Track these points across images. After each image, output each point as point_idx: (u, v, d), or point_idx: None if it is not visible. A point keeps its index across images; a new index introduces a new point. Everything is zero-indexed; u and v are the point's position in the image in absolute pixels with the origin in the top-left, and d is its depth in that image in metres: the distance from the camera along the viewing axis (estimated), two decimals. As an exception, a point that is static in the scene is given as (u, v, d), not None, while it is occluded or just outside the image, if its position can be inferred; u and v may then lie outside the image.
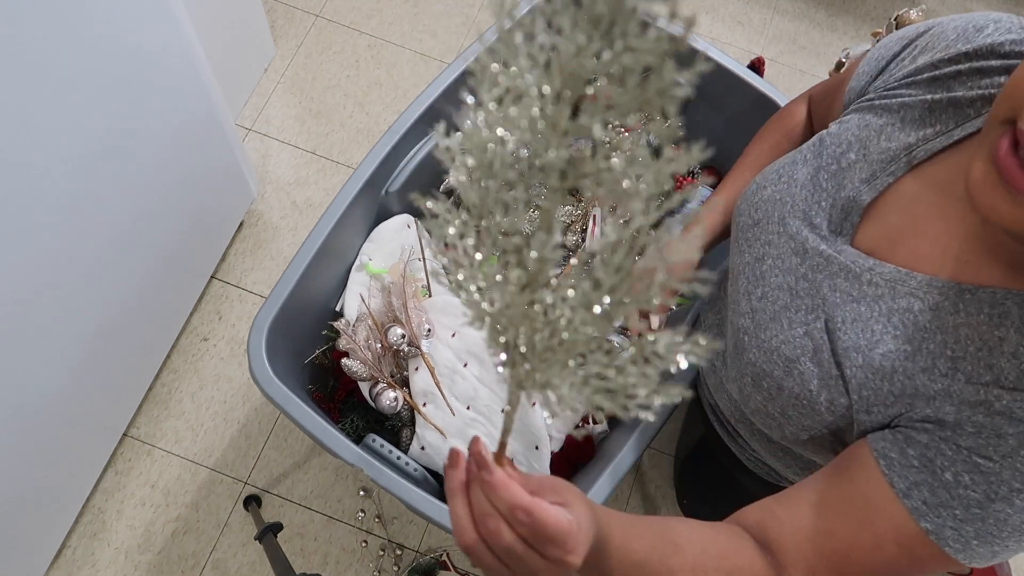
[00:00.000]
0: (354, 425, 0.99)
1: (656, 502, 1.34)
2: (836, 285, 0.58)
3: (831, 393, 0.57)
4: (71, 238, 0.90)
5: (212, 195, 1.24)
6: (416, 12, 1.69)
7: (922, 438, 0.51)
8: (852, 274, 0.57)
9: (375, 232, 1.06)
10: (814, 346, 0.58)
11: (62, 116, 0.81)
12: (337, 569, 1.23)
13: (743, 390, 0.66)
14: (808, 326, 0.59)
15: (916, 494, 0.50)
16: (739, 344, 0.66)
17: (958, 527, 0.49)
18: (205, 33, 1.05)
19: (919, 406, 0.52)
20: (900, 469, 0.51)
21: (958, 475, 0.49)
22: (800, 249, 0.61)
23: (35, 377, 0.94)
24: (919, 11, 1.09)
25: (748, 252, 0.67)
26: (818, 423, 0.59)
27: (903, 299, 0.54)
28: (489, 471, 0.39)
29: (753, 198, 0.68)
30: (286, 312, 0.90)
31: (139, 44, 0.90)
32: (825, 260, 0.59)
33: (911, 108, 0.58)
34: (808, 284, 0.60)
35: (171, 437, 1.28)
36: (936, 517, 0.50)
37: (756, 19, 1.82)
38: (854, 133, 0.61)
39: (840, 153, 0.61)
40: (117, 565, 1.20)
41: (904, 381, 0.53)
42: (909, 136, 0.57)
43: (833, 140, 0.62)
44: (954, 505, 0.49)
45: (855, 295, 0.57)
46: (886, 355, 0.54)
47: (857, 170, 0.59)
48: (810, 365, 0.58)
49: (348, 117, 1.57)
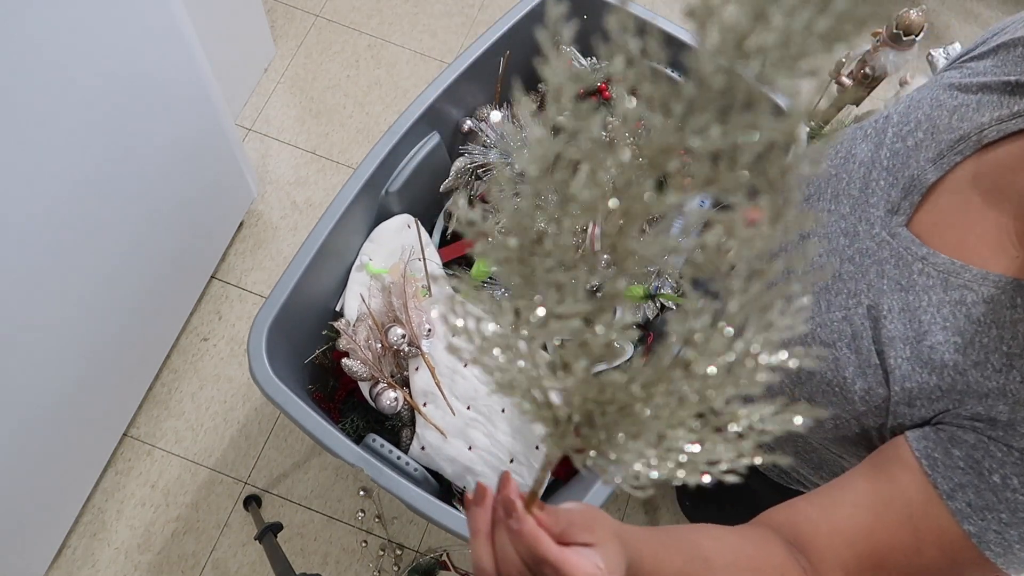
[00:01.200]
0: (354, 425, 0.99)
1: (656, 502, 1.34)
2: (884, 272, 0.55)
3: (868, 382, 0.55)
4: (72, 239, 0.90)
5: (212, 195, 1.24)
6: (416, 12, 1.69)
7: (969, 438, 0.49)
8: (903, 261, 0.55)
9: (375, 232, 1.06)
10: (852, 332, 0.56)
11: (63, 117, 0.81)
12: (337, 569, 1.23)
13: None
14: (848, 311, 0.56)
15: (961, 496, 0.49)
16: None
17: (1002, 531, 0.48)
18: (205, 33, 1.05)
19: (969, 403, 0.50)
20: (944, 470, 0.49)
21: (1007, 477, 0.47)
22: (850, 230, 0.58)
23: (35, 377, 0.93)
24: (919, 11, 1.09)
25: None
26: (848, 412, 0.57)
27: (955, 291, 0.52)
28: (519, 519, 0.37)
29: None
30: (286, 312, 0.90)
31: (139, 45, 0.90)
32: (876, 244, 0.56)
33: (990, 89, 0.55)
34: (854, 268, 0.57)
35: (171, 437, 1.28)
36: (981, 520, 0.48)
37: (756, 19, 1.82)
38: (925, 112, 0.58)
39: (908, 132, 0.58)
40: (117, 565, 1.20)
41: (954, 376, 0.51)
42: (984, 116, 0.54)
43: (901, 118, 0.59)
44: (1000, 508, 0.47)
45: (904, 284, 0.54)
46: (935, 347, 0.51)
47: (924, 149, 0.56)
48: (847, 352, 0.56)
49: (348, 117, 1.57)
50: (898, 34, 1.10)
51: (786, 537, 0.55)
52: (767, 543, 0.55)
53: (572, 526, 0.40)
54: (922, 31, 1.10)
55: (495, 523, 0.39)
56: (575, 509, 0.42)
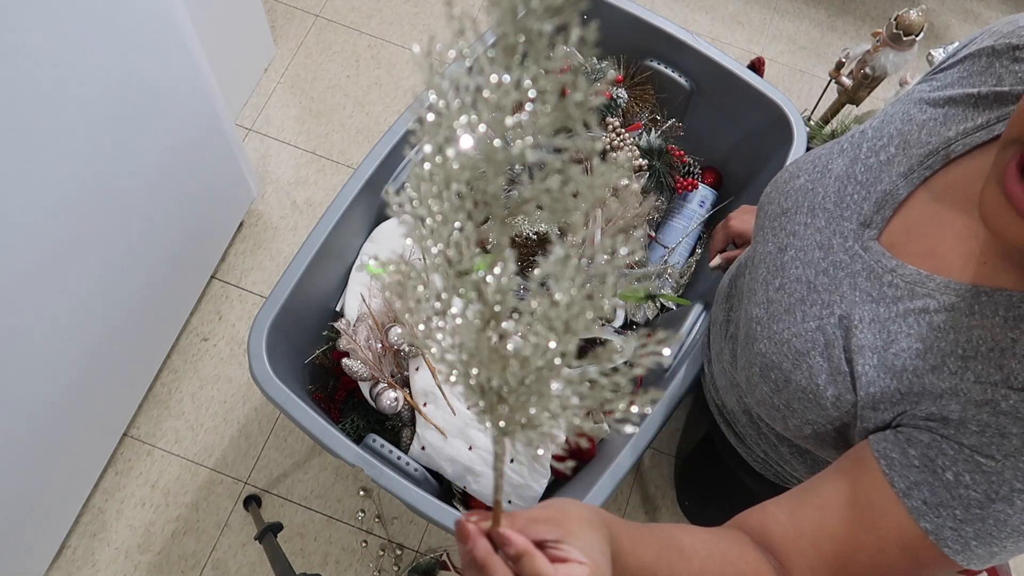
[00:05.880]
0: (354, 425, 0.99)
1: (656, 502, 1.34)
2: (857, 284, 0.58)
3: (838, 389, 0.57)
4: (72, 240, 0.90)
5: (212, 195, 1.24)
6: (416, 12, 1.69)
7: (924, 437, 0.51)
8: (874, 274, 0.57)
9: (376, 232, 1.06)
10: (825, 341, 0.58)
11: (63, 117, 0.81)
12: (337, 569, 1.23)
13: (750, 380, 0.66)
14: (821, 321, 0.59)
15: (916, 494, 0.50)
16: (751, 334, 0.65)
17: (957, 527, 0.49)
18: (205, 33, 1.05)
19: (924, 404, 0.52)
20: (901, 469, 0.51)
21: (959, 475, 0.49)
22: (825, 243, 0.61)
23: (35, 377, 0.93)
24: (919, 11, 1.09)
25: (772, 241, 0.66)
26: (823, 418, 0.59)
27: (920, 300, 0.54)
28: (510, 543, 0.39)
29: (784, 187, 0.67)
30: (286, 312, 0.90)
31: (139, 45, 0.90)
32: (849, 258, 0.59)
33: (955, 103, 0.57)
34: (828, 279, 0.60)
35: (171, 437, 1.28)
36: (936, 517, 0.49)
37: (756, 19, 1.82)
38: (896, 127, 0.60)
39: (881, 147, 0.60)
40: (117, 565, 1.20)
41: (912, 379, 0.53)
42: (950, 130, 0.56)
43: (875, 133, 0.62)
44: (954, 505, 0.49)
45: (875, 295, 0.56)
46: (898, 354, 0.54)
47: (896, 164, 0.58)
48: (820, 360, 0.58)
49: (348, 117, 1.57)
50: (898, 34, 1.10)
51: (757, 539, 0.57)
52: (740, 543, 0.56)
53: (534, 523, 0.42)
54: (922, 31, 1.10)
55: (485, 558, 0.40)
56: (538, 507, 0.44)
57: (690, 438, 1.35)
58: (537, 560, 0.39)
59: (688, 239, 1.17)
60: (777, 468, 0.81)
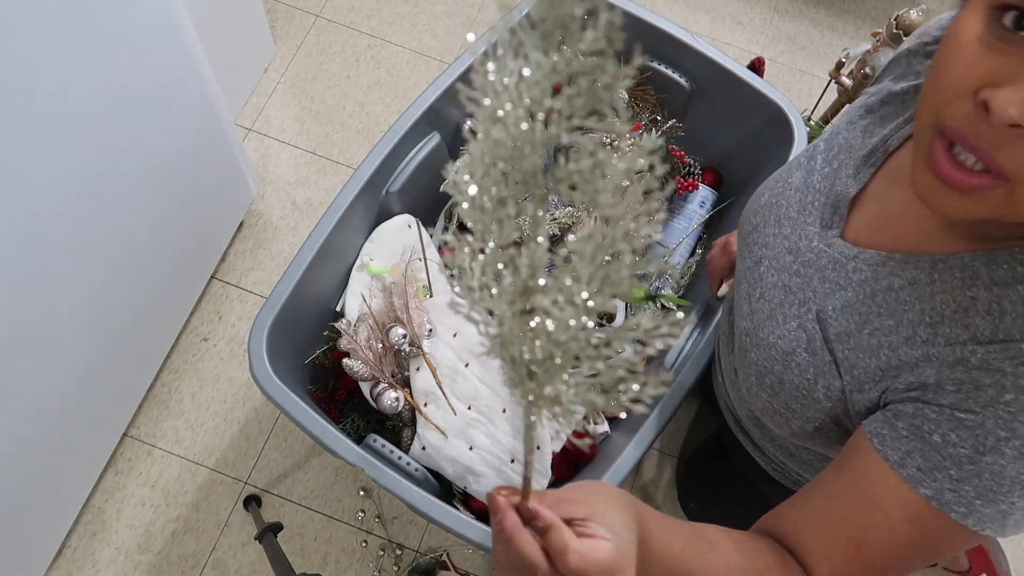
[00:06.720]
0: (355, 425, 0.99)
1: (656, 502, 1.34)
2: (825, 277, 0.61)
3: (826, 379, 0.59)
4: (72, 239, 0.90)
5: (212, 195, 1.24)
6: (416, 12, 1.69)
7: (908, 408, 0.53)
8: (839, 264, 0.61)
9: (376, 232, 1.06)
10: (807, 337, 0.61)
11: (63, 117, 0.81)
12: (337, 569, 1.23)
13: (750, 390, 0.68)
14: (801, 319, 0.62)
15: (910, 462, 0.52)
16: (742, 346, 0.69)
17: (956, 488, 0.50)
18: (205, 33, 1.05)
19: (903, 376, 0.54)
20: (892, 442, 0.53)
21: (945, 435, 0.50)
22: (793, 248, 0.65)
23: (36, 377, 0.93)
24: (919, 11, 1.09)
25: (749, 257, 0.71)
26: (820, 412, 0.61)
27: (884, 279, 0.57)
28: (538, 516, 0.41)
29: (753, 205, 0.72)
30: (287, 312, 0.90)
31: (139, 45, 0.90)
32: (816, 255, 0.63)
33: (888, 103, 0.62)
34: (800, 280, 0.63)
35: (171, 437, 1.28)
36: (933, 481, 0.50)
37: (756, 19, 1.82)
38: (843, 136, 0.66)
39: (832, 156, 0.66)
40: (117, 565, 1.20)
41: (888, 354, 0.55)
42: (886, 128, 0.61)
43: (826, 146, 0.67)
44: (947, 465, 0.50)
45: (842, 283, 0.60)
46: (872, 333, 0.57)
47: (845, 167, 0.63)
48: (805, 355, 0.61)
49: (348, 117, 1.57)
50: (898, 34, 1.10)
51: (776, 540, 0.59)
52: (766, 540, 0.58)
53: (562, 502, 0.44)
54: (922, 31, 1.10)
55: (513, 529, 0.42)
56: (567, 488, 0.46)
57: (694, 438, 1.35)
58: (564, 533, 0.41)
59: (688, 240, 1.17)
60: (797, 476, 0.82)
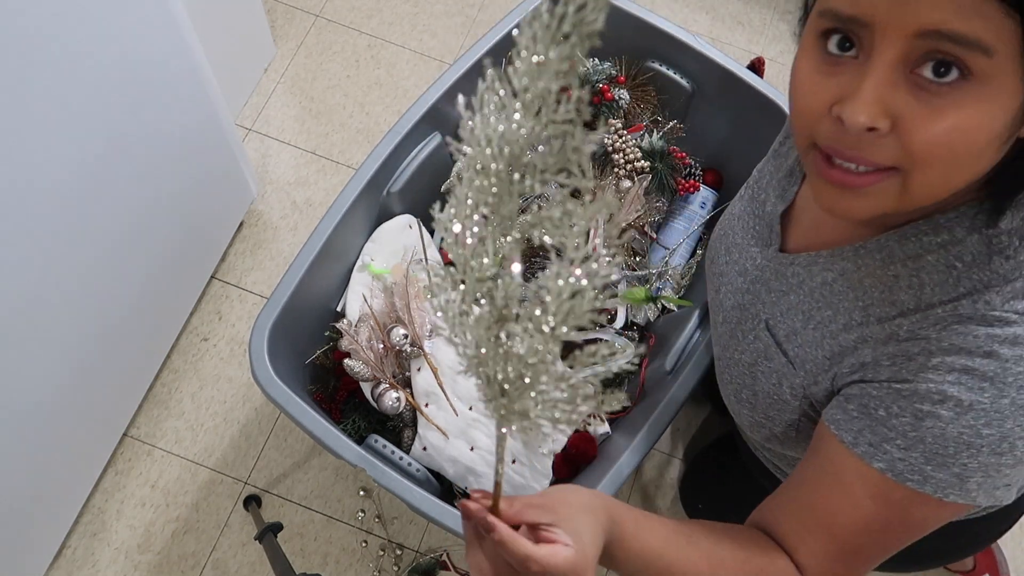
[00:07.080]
0: (355, 426, 0.99)
1: (656, 502, 1.34)
2: (771, 288, 0.66)
3: (789, 379, 0.63)
4: (72, 239, 0.90)
5: (212, 195, 1.24)
6: (416, 12, 1.69)
7: (854, 390, 0.56)
8: (779, 273, 0.66)
9: (377, 232, 1.06)
10: (763, 346, 0.66)
11: (62, 117, 0.81)
12: (337, 569, 1.23)
13: (735, 410, 0.73)
14: (756, 332, 0.67)
15: (862, 440, 0.54)
16: (719, 370, 0.74)
17: (905, 457, 0.52)
18: (205, 33, 1.05)
19: (847, 360, 0.57)
20: (845, 424, 0.56)
21: (888, 407, 0.53)
22: (742, 270, 0.71)
23: (36, 377, 0.93)
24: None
25: (711, 288, 0.78)
26: (793, 413, 0.64)
27: (819, 276, 0.61)
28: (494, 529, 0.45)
29: (710, 243, 0.80)
30: (287, 312, 0.90)
31: (139, 45, 0.90)
32: (760, 271, 0.69)
33: None
34: (751, 296, 0.69)
35: (171, 437, 1.28)
36: (883, 454, 0.53)
37: (756, 19, 1.82)
38: (769, 166, 0.73)
39: (765, 184, 0.72)
40: (117, 565, 1.20)
41: (831, 343, 0.59)
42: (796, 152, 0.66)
43: (759, 175, 0.75)
44: (893, 436, 0.52)
45: (785, 289, 0.65)
46: (816, 327, 0.61)
47: (771, 191, 0.70)
48: (766, 363, 0.65)
49: (348, 117, 1.56)
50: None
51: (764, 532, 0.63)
52: (751, 531, 0.62)
53: (529, 508, 0.47)
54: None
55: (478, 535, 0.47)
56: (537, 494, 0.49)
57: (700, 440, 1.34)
58: (518, 543, 0.44)
59: (689, 240, 1.17)
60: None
